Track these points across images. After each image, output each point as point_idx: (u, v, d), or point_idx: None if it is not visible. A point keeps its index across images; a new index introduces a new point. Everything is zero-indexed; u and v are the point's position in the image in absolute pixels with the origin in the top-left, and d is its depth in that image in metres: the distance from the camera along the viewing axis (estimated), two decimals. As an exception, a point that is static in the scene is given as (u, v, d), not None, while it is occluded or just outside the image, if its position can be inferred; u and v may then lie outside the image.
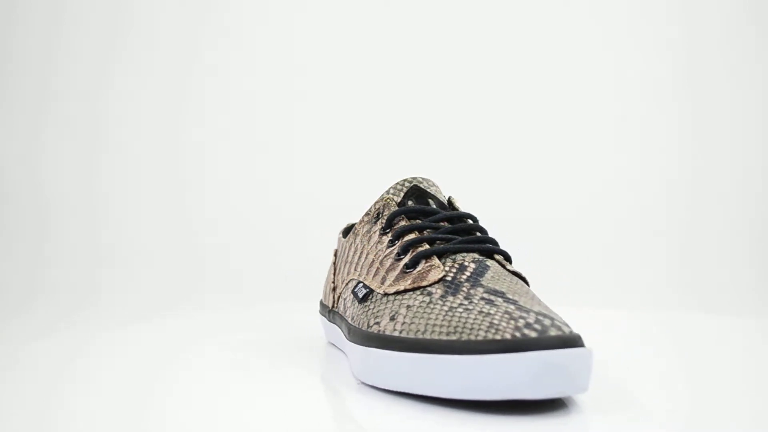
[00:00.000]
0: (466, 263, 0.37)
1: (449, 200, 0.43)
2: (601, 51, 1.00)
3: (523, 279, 0.39)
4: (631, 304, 0.72)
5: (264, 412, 0.33)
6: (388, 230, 0.41)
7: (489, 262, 0.38)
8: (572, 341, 0.30)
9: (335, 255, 0.50)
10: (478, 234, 0.40)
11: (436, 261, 0.37)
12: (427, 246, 0.39)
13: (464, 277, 0.36)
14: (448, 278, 0.36)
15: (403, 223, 0.41)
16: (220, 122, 1.01)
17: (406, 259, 0.38)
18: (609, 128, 0.99)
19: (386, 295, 0.38)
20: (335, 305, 0.47)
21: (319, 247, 0.75)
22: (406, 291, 0.37)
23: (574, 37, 1.00)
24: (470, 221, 0.41)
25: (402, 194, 0.42)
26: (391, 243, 0.40)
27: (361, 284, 0.41)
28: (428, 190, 0.42)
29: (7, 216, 0.97)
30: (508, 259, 0.40)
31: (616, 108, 0.99)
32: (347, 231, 0.51)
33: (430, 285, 0.36)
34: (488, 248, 0.39)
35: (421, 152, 0.96)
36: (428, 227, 0.40)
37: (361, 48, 1.02)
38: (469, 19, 1.01)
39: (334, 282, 0.48)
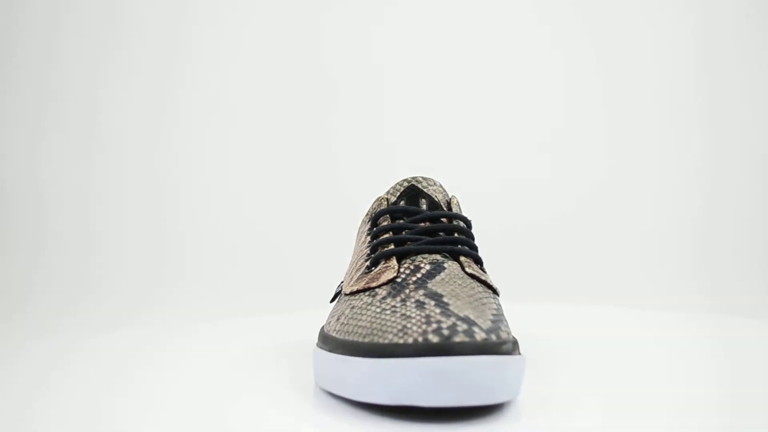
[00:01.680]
0: (423, 265, 0.37)
1: (449, 201, 0.43)
2: (610, 50, 1.00)
3: (483, 282, 0.37)
4: (630, 303, 0.72)
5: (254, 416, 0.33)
6: (372, 230, 0.41)
7: (448, 263, 0.37)
8: (478, 348, 0.29)
9: None
10: (456, 235, 0.39)
11: (392, 262, 0.37)
12: (392, 246, 0.38)
13: (414, 278, 0.35)
14: (398, 279, 0.36)
15: (385, 223, 0.41)
16: (221, 123, 1.01)
17: (369, 260, 0.39)
18: (610, 128, 0.99)
19: (346, 294, 0.38)
20: None
21: (319, 247, 0.75)
22: (359, 291, 0.37)
23: (575, 36, 1.01)
24: (460, 222, 0.41)
25: (398, 194, 0.42)
26: (370, 243, 0.40)
27: (341, 283, 0.42)
28: (425, 189, 0.42)
29: (7, 216, 0.97)
30: (478, 261, 0.39)
31: (622, 106, 1.00)
32: None
33: (379, 286, 0.36)
34: (452, 249, 0.38)
35: (438, 153, 0.96)
36: (406, 227, 0.39)
37: (364, 48, 1.02)
38: (470, 19, 1.01)
39: None
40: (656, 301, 0.75)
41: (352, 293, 0.37)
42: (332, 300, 0.42)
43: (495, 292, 0.38)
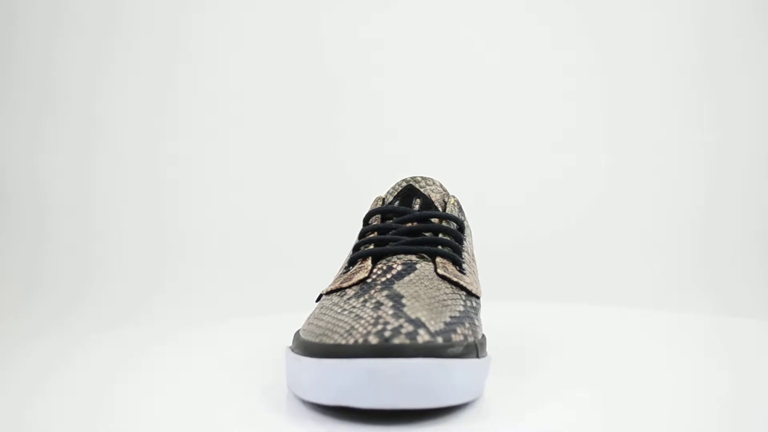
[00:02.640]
0: (395, 266, 0.37)
1: (446, 201, 0.42)
2: (609, 50, 1.00)
3: (456, 284, 0.37)
4: (629, 303, 0.72)
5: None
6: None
7: (421, 264, 0.37)
8: (416, 351, 0.28)
9: None
10: (441, 236, 0.39)
11: (367, 263, 0.37)
12: (371, 247, 0.39)
13: (383, 279, 0.36)
14: (369, 280, 0.36)
15: (375, 223, 0.41)
16: (221, 124, 1.01)
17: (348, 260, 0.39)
18: (611, 128, 0.99)
19: (323, 295, 0.38)
20: None
21: (321, 248, 0.75)
22: (332, 291, 0.37)
23: (575, 36, 1.01)
24: (452, 223, 0.41)
25: (396, 193, 0.42)
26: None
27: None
28: (421, 189, 0.42)
29: (7, 216, 0.97)
30: (456, 262, 0.38)
31: (623, 106, 0.99)
32: None
33: (350, 286, 0.36)
34: (428, 250, 0.38)
35: (442, 154, 0.96)
36: (392, 228, 0.40)
37: (365, 48, 1.02)
38: (470, 19, 1.01)
39: None
40: (656, 300, 0.74)
41: (328, 293, 0.38)
42: (317, 300, 0.42)
43: (471, 293, 0.37)
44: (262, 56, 1.02)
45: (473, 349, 0.32)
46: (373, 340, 0.29)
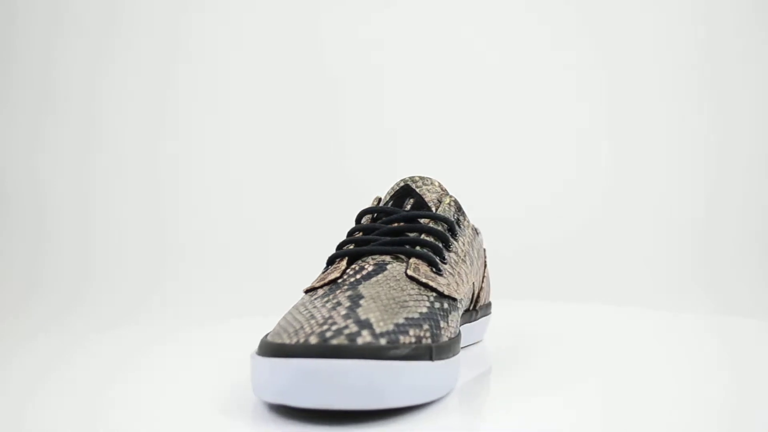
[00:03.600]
0: (368, 266, 0.37)
1: (440, 201, 0.42)
2: (610, 51, 1.00)
3: (425, 285, 0.36)
4: (629, 302, 0.72)
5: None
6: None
7: (393, 265, 0.37)
8: (352, 352, 0.29)
9: None
10: (422, 236, 0.39)
11: (343, 263, 0.38)
12: (351, 246, 0.39)
13: (351, 279, 0.36)
14: (340, 280, 0.36)
15: (365, 223, 0.41)
16: (220, 124, 1.01)
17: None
18: (611, 127, 0.99)
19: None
20: None
21: (320, 248, 0.75)
22: (309, 291, 0.37)
23: (575, 36, 1.00)
24: (441, 223, 0.40)
25: (392, 193, 0.42)
26: None
27: None
28: (417, 189, 0.42)
29: (7, 216, 0.97)
30: (432, 263, 0.38)
31: (624, 106, 0.99)
32: None
33: (321, 286, 0.37)
34: (402, 250, 0.38)
35: (446, 155, 0.96)
36: (377, 228, 0.40)
37: (367, 49, 1.01)
38: (470, 19, 1.01)
39: None
40: (656, 300, 0.74)
41: (306, 292, 0.38)
42: None
43: (444, 295, 0.37)
44: (262, 56, 1.02)
45: (426, 351, 0.31)
46: (313, 340, 0.29)
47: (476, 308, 0.48)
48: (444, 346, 0.33)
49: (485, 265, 0.49)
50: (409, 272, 0.36)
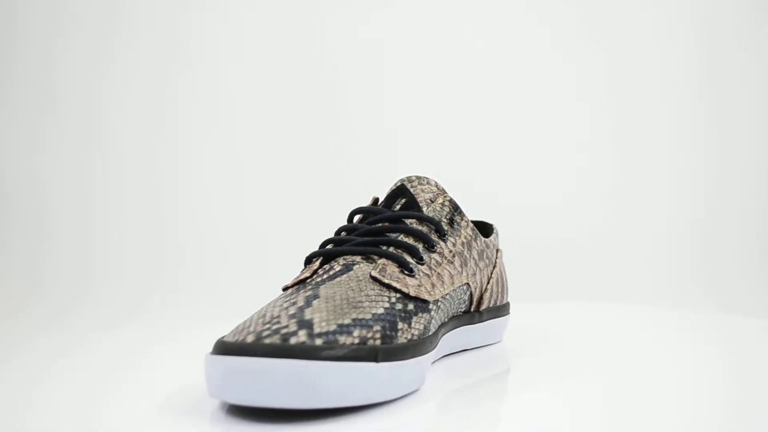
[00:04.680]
0: (337, 266, 0.37)
1: (433, 201, 0.42)
2: (610, 52, 1.00)
3: (387, 285, 0.36)
4: (629, 301, 0.72)
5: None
6: None
7: (360, 265, 0.37)
8: (279, 351, 0.29)
9: None
10: (400, 237, 0.39)
11: (317, 263, 0.38)
12: (330, 246, 0.39)
13: (317, 279, 0.36)
14: (309, 280, 0.37)
15: (356, 222, 0.42)
16: (220, 125, 1.01)
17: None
18: (612, 127, 0.99)
19: None
20: None
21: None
22: (284, 289, 0.38)
23: (576, 35, 1.00)
24: (428, 224, 0.40)
25: (389, 193, 0.42)
26: None
27: None
28: (411, 189, 0.42)
29: (7, 216, 0.97)
30: (402, 264, 0.37)
31: (625, 106, 0.99)
32: None
33: (292, 285, 0.37)
34: (372, 251, 0.38)
35: (447, 156, 0.96)
36: (358, 228, 0.40)
37: (369, 49, 1.01)
38: (470, 19, 1.01)
39: None
40: (656, 299, 0.74)
41: (283, 290, 0.38)
42: None
43: (410, 296, 0.36)
44: (262, 56, 1.02)
45: (370, 352, 0.31)
46: (250, 339, 0.30)
47: (479, 310, 0.46)
48: (398, 348, 0.33)
49: (495, 266, 0.48)
50: (374, 273, 0.36)
